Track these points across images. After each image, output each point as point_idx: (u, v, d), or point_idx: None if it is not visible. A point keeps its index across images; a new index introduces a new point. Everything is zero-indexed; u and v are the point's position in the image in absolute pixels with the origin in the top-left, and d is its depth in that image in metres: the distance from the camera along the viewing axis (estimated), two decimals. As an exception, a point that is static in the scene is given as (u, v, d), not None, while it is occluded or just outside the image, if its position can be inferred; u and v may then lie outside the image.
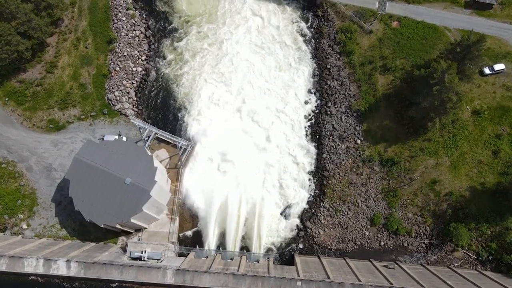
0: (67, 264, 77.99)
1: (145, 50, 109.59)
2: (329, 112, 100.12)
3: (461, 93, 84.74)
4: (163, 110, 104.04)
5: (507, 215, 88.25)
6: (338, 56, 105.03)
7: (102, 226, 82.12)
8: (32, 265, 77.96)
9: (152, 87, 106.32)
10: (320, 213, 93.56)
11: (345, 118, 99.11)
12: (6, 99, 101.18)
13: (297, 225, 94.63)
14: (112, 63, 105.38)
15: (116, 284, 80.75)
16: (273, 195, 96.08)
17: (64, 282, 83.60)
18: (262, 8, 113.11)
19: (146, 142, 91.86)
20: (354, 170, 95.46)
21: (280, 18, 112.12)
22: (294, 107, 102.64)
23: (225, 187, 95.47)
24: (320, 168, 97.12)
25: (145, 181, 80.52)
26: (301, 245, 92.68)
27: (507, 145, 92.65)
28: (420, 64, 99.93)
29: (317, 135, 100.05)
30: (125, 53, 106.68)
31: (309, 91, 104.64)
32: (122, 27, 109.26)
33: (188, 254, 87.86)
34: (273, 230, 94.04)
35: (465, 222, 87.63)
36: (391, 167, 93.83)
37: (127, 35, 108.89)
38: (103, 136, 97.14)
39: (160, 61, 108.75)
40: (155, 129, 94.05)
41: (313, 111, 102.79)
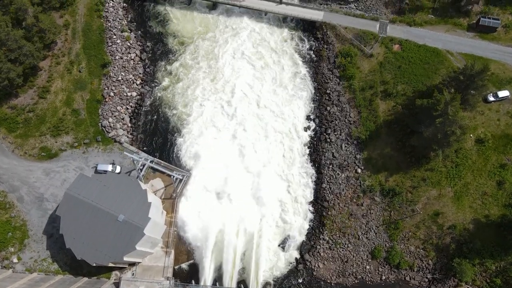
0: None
1: (140, 73, 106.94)
2: (328, 140, 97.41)
3: (465, 126, 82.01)
4: (158, 136, 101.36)
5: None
6: (338, 80, 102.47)
7: (94, 265, 79.47)
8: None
9: (147, 112, 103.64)
10: (320, 245, 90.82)
11: (345, 146, 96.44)
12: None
13: (296, 258, 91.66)
14: (106, 88, 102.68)
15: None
16: (271, 226, 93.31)
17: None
18: (260, 30, 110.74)
19: (140, 172, 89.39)
20: (355, 200, 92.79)
21: (278, 40, 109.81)
22: (293, 134, 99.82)
23: (222, 217, 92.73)
24: (319, 198, 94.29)
25: (139, 218, 77.88)
26: (300, 279, 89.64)
27: (511, 175, 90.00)
28: (422, 90, 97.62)
29: (317, 163, 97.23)
30: (120, 78, 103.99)
31: (308, 117, 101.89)
32: (117, 50, 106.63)
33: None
34: (271, 263, 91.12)
35: (469, 258, 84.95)
36: (393, 197, 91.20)
37: (121, 58, 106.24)
38: (97, 165, 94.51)
39: (155, 85, 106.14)
40: (150, 158, 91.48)
41: (312, 138, 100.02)
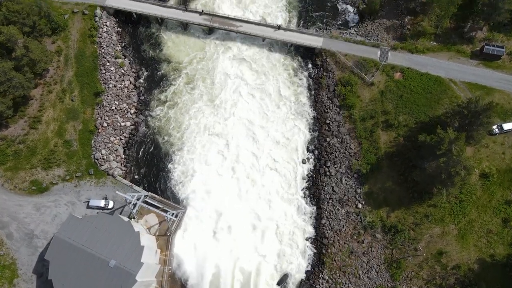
0: None
1: (134, 102, 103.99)
2: (328, 173, 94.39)
3: (469, 167, 79.03)
4: (153, 168, 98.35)
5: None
6: (338, 110, 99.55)
7: (84, 312, 76.64)
8: None
9: (142, 143, 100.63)
10: (319, 285, 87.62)
11: (346, 180, 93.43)
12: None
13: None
14: (99, 118, 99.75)
15: None
16: (269, 263, 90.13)
17: None
18: (258, 57, 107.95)
19: (133, 208, 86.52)
20: (355, 237, 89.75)
21: (277, 66, 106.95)
22: (291, 167, 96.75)
23: (218, 254, 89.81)
24: (319, 235, 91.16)
25: (131, 263, 75.01)
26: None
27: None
28: (424, 120, 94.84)
29: (316, 198, 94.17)
30: (113, 107, 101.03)
31: (307, 149, 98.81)
32: (111, 78, 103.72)
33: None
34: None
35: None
36: (395, 235, 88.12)
37: (115, 86, 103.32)
38: (89, 200, 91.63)
39: (149, 113, 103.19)
40: (143, 193, 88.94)
41: (311, 171, 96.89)
